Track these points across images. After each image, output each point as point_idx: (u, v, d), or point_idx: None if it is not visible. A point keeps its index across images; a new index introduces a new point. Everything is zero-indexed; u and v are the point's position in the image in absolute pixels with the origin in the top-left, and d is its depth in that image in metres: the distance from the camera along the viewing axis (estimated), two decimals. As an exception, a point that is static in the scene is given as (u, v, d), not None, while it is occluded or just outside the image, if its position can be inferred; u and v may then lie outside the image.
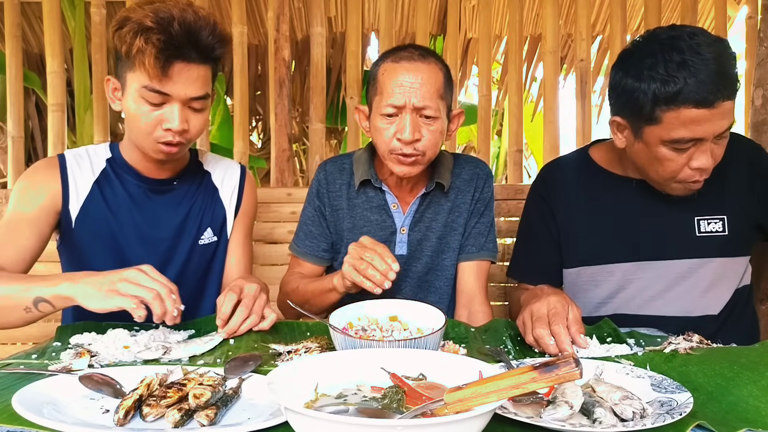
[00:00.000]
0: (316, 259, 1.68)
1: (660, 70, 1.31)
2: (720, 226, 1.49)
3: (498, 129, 5.80)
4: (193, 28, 1.36)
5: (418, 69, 1.46)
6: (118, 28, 1.36)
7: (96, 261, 1.50)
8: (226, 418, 0.87)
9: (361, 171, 1.63)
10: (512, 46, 2.75)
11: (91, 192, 1.52)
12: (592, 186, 1.60)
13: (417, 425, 0.66)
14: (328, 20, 3.70)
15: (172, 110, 1.38)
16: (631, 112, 1.39)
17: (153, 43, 1.31)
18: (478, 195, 1.66)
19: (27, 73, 3.21)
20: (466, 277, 1.65)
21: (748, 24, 2.78)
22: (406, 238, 1.63)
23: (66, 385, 0.95)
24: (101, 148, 1.59)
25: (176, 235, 1.56)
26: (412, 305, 1.25)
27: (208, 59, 1.41)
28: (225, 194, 1.64)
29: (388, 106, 1.46)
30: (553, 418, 0.81)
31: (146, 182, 1.55)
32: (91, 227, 1.51)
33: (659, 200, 1.51)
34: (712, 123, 1.30)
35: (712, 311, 1.51)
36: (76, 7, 3.12)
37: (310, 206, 1.69)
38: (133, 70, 1.37)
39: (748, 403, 0.90)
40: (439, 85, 1.48)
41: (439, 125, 1.49)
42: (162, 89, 1.36)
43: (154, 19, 1.32)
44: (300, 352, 1.14)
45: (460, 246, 1.65)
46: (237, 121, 2.68)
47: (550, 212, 1.64)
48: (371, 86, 1.55)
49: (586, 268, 1.58)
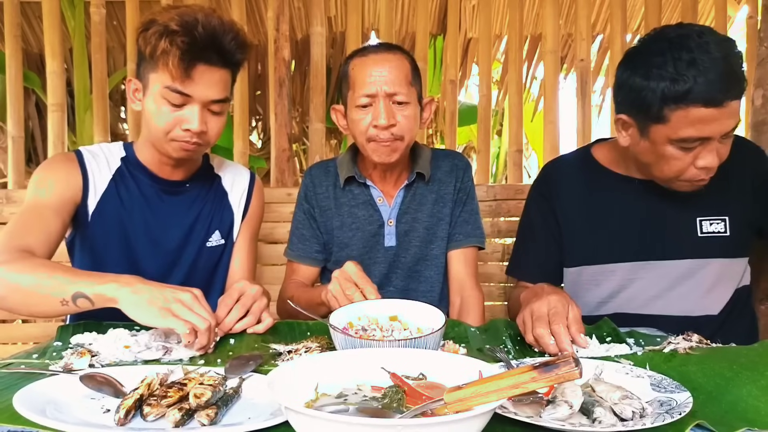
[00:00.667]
0: (310, 260, 1.74)
1: (669, 68, 1.30)
2: (722, 227, 1.49)
3: (498, 129, 5.80)
4: (216, 32, 1.40)
5: (386, 59, 1.56)
6: (144, 30, 1.40)
7: (107, 257, 1.52)
8: (226, 417, 0.87)
9: (345, 169, 1.70)
10: (512, 46, 2.75)
11: (108, 188, 1.54)
12: (594, 185, 1.60)
13: (417, 425, 0.66)
14: (328, 20, 3.70)
15: (192, 111, 1.42)
16: (638, 111, 1.38)
17: (177, 44, 1.36)
18: (460, 185, 1.73)
19: (27, 73, 3.21)
20: (456, 266, 1.71)
21: (748, 24, 2.78)
22: (394, 230, 1.69)
23: (67, 384, 0.95)
24: (115, 146, 1.61)
25: (185, 236, 1.59)
26: (412, 305, 1.25)
27: (229, 63, 1.46)
28: (234, 198, 1.68)
29: (362, 96, 1.54)
30: (552, 418, 0.82)
31: (159, 183, 1.57)
32: (106, 223, 1.53)
33: (661, 200, 1.51)
34: (720, 122, 1.30)
35: (712, 311, 1.51)
36: (76, 7, 3.12)
37: (300, 210, 1.76)
38: (156, 71, 1.40)
39: (748, 403, 0.90)
40: (406, 72, 1.57)
41: (412, 110, 1.57)
42: (184, 90, 1.40)
43: (179, 22, 1.37)
44: (300, 352, 1.14)
45: (448, 236, 1.71)
46: (237, 121, 2.68)
47: (551, 211, 1.64)
48: (344, 84, 1.64)
49: (587, 267, 1.58)
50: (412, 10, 3.58)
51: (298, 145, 4.81)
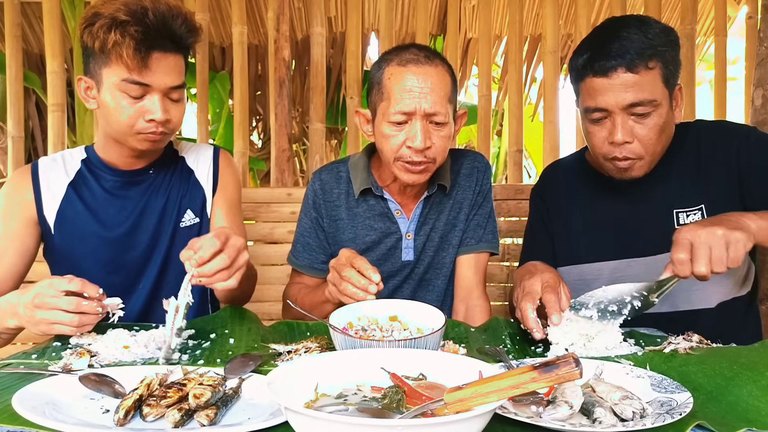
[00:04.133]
0: (315, 271, 1.64)
1: (582, 45, 1.46)
2: (698, 216, 1.49)
3: (498, 129, 5.80)
4: (166, 18, 1.38)
5: (427, 73, 1.41)
6: (89, 25, 1.36)
7: (82, 260, 1.51)
8: (226, 418, 0.87)
9: (360, 179, 1.59)
10: (512, 46, 2.76)
11: (66, 194, 1.53)
12: (584, 186, 1.64)
13: (417, 425, 0.66)
14: (328, 20, 3.70)
15: (153, 101, 1.40)
16: (575, 94, 1.50)
17: (131, 34, 1.33)
18: (478, 188, 1.64)
19: (27, 73, 3.22)
20: (465, 271, 1.62)
21: (748, 24, 2.78)
22: (413, 244, 1.60)
23: (66, 385, 0.95)
24: (76, 151, 1.60)
25: (158, 221, 1.56)
26: (412, 305, 1.25)
27: (181, 48, 1.43)
28: (201, 174, 1.63)
29: (397, 113, 1.41)
30: (553, 418, 0.81)
31: (122, 175, 1.55)
32: (71, 229, 1.52)
33: (641, 198, 1.53)
34: (614, 93, 1.38)
35: (707, 304, 1.50)
36: (76, 7, 3.12)
37: (307, 218, 1.64)
38: (108, 65, 1.38)
39: (748, 403, 0.90)
40: (447, 89, 1.44)
41: (448, 130, 1.46)
42: (142, 80, 1.37)
43: (127, 12, 1.34)
44: (300, 352, 1.14)
45: (459, 241, 1.63)
46: (237, 121, 2.68)
47: (546, 213, 1.68)
48: (375, 90, 1.49)
49: (575, 266, 1.60)
50: (412, 10, 3.58)
51: (298, 145, 4.81)
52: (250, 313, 1.45)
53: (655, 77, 1.38)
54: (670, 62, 1.41)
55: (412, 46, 1.50)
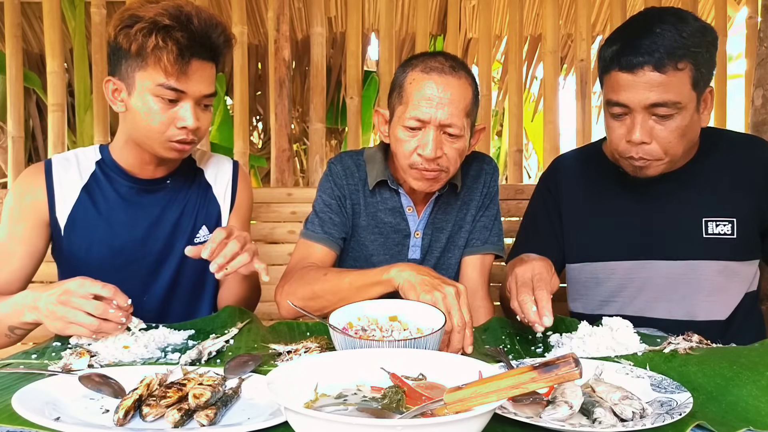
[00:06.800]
0: (335, 245, 1.57)
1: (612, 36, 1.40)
2: (729, 228, 1.46)
3: (498, 129, 5.80)
4: (209, 26, 1.37)
5: (448, 83, 1.40)
6: (125, 27, 1.34)
7: (90, 265, 1.48)
8: (225, 418, 0.87)
9: (376, 171, 1.58)
10: (512, 46, 2.76)
11: (80, 198, 1.50)
12: (600, 181, 1.59)
13: (417, 425, 0.66)
14: (328, 20, 3.71)
15: (186, 108, 1.39)
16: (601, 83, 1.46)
17: (176, 40, 1.32)
18: (486, 190, 1.63)
19: (27, 73, 3.22)
20: (469, 272, 1.62)
21: (748, 24, 2.78)
22: (420, 242, 1.60)
23: (66, 385, 0.95)
24: (90, 150, 1.57)
25: (171, 233, 1.54)
26: (412, 305, 1.25)
27: (216, 57, 1.43)
28: (219, 191, 1.62)
29: (412, 119, 1.41)
30: (552, 418, 0.81)
31: (138, 182, 1.53)
32: (82, 234, 1.50)
33: (669, 199, 1.49)
34: (637, 91, 1.33)
35: (719, 316, 1.49)
36: (76, 7, 3.13)
37: (328, 196, 1.59)
38: (144, 68, 1.36)
39: (748, 403, 0.90)
40: (467, 102, 1.43)
41: (462, 143, 1.45)
42: (178, 86, 1.36)
43: (171, 17, 1.33)
44: (300, 352, 1.14)
45: (465, 242, 1.63)
46: (237, 121, 2.69)
47: (555, 205, 1.63)
48: (396, 92, 1.49)
49: (587, 264, 1.57)
50: (412, 10, 3.58)
51: (298, 145, 4.82)
52: (250, 313, 1.45)
53: (683, 79, 1.32)
54: (703, 64, 1.34)
55: (440, 54, 1.49)
